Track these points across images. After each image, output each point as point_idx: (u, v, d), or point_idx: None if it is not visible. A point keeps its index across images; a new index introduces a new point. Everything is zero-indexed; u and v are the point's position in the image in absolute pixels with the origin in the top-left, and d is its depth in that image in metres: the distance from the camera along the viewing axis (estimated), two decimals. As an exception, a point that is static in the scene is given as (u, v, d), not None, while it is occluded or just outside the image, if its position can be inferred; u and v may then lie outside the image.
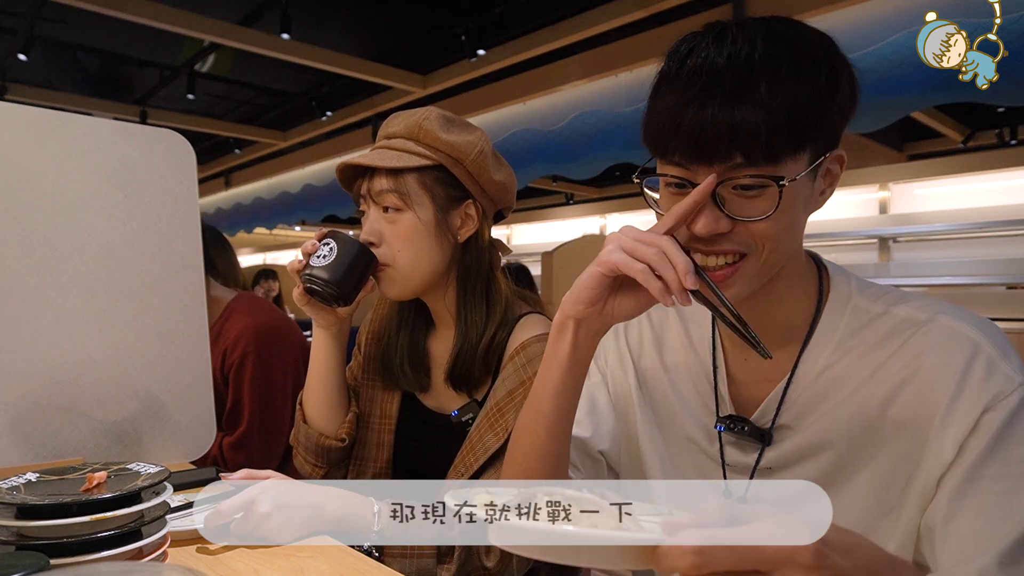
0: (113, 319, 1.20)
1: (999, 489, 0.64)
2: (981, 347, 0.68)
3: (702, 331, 0.86)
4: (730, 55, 0.64)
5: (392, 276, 1.07)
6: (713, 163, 0.66)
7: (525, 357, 1.06)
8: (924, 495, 0.69)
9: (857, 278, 0.79)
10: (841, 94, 0.67)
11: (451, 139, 1.07)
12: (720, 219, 0.68)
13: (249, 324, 1.69)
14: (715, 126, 0.64)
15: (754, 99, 0.63)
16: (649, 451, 0.88)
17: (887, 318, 0.74)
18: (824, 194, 0.73)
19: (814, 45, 0.67)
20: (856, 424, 0.72)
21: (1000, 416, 0.65)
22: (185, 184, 1.29)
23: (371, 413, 1.19)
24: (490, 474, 1.03)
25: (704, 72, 0.65)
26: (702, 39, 0.67)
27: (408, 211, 1.06)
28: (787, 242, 0.71)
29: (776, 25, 0.68)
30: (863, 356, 0.73)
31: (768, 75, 0.63)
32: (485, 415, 1.06)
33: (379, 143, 1.10)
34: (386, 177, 1.06)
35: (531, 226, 9.83)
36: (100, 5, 4.20)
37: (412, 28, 5.10)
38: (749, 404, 0.80)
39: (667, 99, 0.67)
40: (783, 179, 0.65)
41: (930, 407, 0.68)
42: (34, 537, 0.64)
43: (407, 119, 1.09)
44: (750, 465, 0.78)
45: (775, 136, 0.63)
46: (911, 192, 6.12)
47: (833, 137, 0.70)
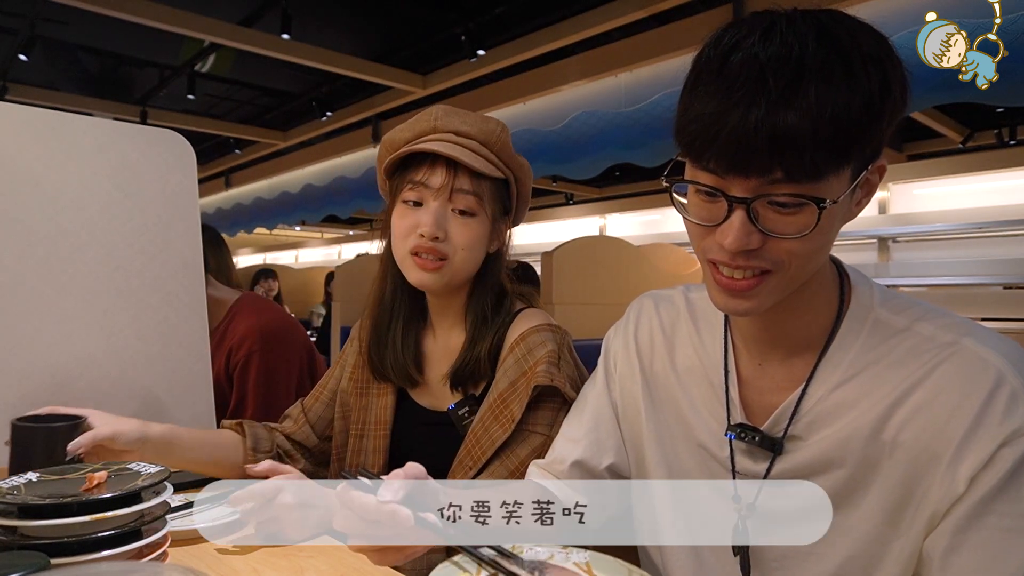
0: (113, 319, 1.20)
1: (1006, 526, 0.62)
2: (1005, 378, 0.64)
3: (714, 332, 0.84)
4: (779, 55, 0.59)
5: (445, 272, 1.07)
6: (751, 176, 0.61)
7: (525, 347, 1.06)
8: (932, 524, 0.67)
9: (880, 288, 0.75)
10: (893, 101, 0.62)
11: (519, 159, 1.12)
12: (752, 234, 0.63)
13: (254, 324, 1.70)
14: (757, 136, 0.58)
15: (802, 107, 0.57)
16: (655, 455, 0.86)
17: (909, 335, 0.70)
18: (860, 204, 0.69)
19: (868, 46, 0.60)
20: (869, 443, 0.69)
21: (1016, 453, 0.62)
22: (185, 184, 1.29)
23: (366, 420, 1.18)
24: (495, 466, 1.03)
25: (749, 73, 0.59)
26: (748, 33, 0.61)
27: (479, 216, 1.07)
28: (818, 259, 0.68)
29: (827, 21, 0.61)
30: (881, 373, 0.70)
31: (819, 80, 0.58)
32: (489, 407, 1.05)
33: (443, 136, 1.07)
34: (470, 178, 1.06)
35: (531, 226, 9.82)
36: (100, 5, 4.19)
37: (412, 28, 5.10)
38: (761, 412, 0.77)
39: (707, 101, 0.61)
40: (824, 201, 0.61)
41: (947, 436, 0.65)
42: (34, 537, 0.64)
43: (479, 123, 1.09)
44: (760, 473, 0.76)
45: (820, 151, 0.59)
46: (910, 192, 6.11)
47: (879, 148, 0.65)
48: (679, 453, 0.85)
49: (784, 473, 0.75)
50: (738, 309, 0.70)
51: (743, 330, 0.80)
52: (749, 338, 0.80)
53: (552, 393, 1.04)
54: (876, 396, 0.69)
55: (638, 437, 0.89)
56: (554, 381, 1.01)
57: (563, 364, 1.06)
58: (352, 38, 5.23)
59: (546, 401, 1.05)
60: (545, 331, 1.08)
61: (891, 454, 0.68)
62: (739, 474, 0.78)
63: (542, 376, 1.02)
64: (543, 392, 1.03)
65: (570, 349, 1.10)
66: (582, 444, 0.91)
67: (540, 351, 1.05)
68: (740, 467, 0.78)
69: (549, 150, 4.86)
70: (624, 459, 0.90)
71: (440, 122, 1.08)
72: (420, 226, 1.04)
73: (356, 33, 5.20)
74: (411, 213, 1.07)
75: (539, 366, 1.03)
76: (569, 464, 0.90)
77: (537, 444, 1.03)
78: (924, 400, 0.67)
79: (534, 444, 1.03)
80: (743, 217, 0.63)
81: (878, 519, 0.69)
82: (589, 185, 8.87)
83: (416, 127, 1.09)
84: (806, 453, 0.73)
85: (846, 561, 0.71)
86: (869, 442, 0.69)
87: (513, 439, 1.03)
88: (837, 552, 0.71)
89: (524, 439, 1.03)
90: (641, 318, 0.93)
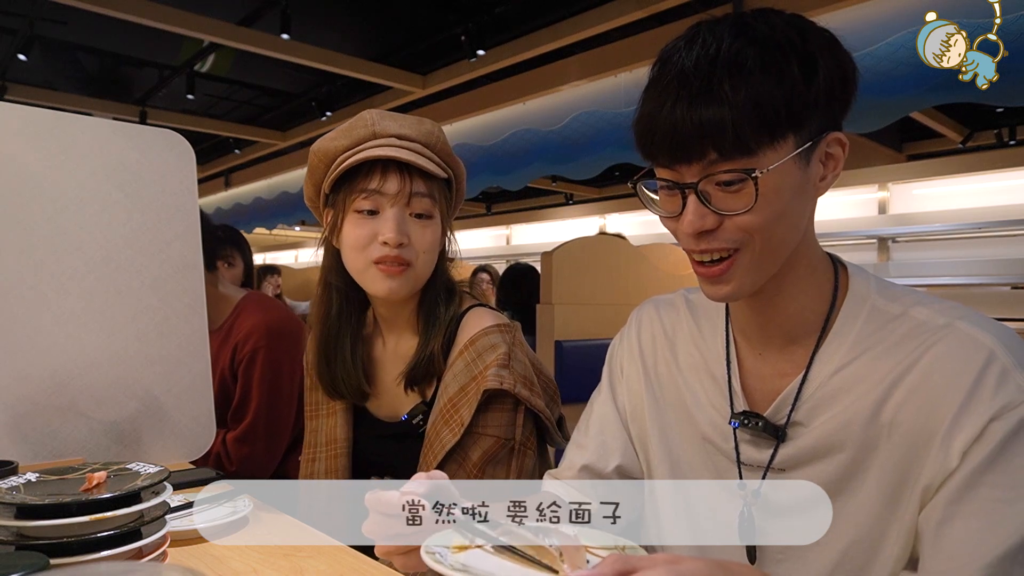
0: (113, 319, 1.20)
1: (997, 496, 0.64)
2: (996, 355, 0.67)
3: (715, 327, 0.86)
4: (697, 56, 0.67)
5: (410, 277, 1.07)
6: (691, 162, 0.68)
7: (475, 351, 1.06)
8: (925, 499, 0.68)
9: (877, 279, 0.78)
10: (821, 78, 0.67)
11: (455, 158, 1.11)
12: (706, 215, 0.69)
13: (261, 320, 1.71)
14: (685, 126, 0.66)
15: (719, 95, 0.64)
16: (660, 452, 0.88)
17: (904, 319, 0.73)
18: (825, 179, 0.72)
19: (782, 34, 0.67)
20: (868, 426, 0.71)
21: (1006, 426, 0.64)
22: (185, 184, 1.29)
23: (316, 443, 1.18)
24: (449, 468, 1.03)
25: (676, 76, 0.67)
26: (677, 44, 0.70)
27: (435, 218, 1.08)
28: (781, 232, 0.70)
29: (747, 19, 0.69)
30: (878, 357, 0.72)
31: (732, 71, 0.65)
32: (439, 413, 1.05)
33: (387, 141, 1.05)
34: (423, 181, 1.05)
35: (531, 226, 9.83)
36: (100, 5, 4.19)
37: (412, 28, 5.10)
38: (763, 400, 0.79)
39: (646, 106, 0.70)
40: (755, 171, 0.66)
41: (939, 414, 0.67)
42: (34, 537, 0.64)
43: (416, 125, 1.08)
44: (764, 461, 0.78)
45: (743, 129, 0.65)
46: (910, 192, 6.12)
47: (825, 121, 0.69)
48: (685, 449, 0.87)
49: (788, 460, 0.76)
50: (719, 294, 0.74)
51: (739, 321, 0.83)
52: (746, 328, 0.82)
53: (502, 396, 1.04)
54: (874, 379, 0.71)
55: (644, 436, 0.91)
56: (503, 384, 1.02)
57: (514, 363, 1.06)
58: (352, 38, 5.23)
59: (496, 403, 1.05)
60: (494, 333, 1.08)
61: (889, 435, 0.70)
62: (744, 465, 0.80)
63: (491, 380, 1.02)
64: (493, 395, 1.03)
65: (521, 345, 1.10)
66: (589, 449, 0.94)
67: (489, 356, 1.05)
68: (745, 457, 0.80)
69: (549, 150, 4.86)
70: (632, 460, 0.93)
71: (379, 127, 1.06)
72: (381, 235, 1.03)
73: (356, 33, 5.20)
74: (367, 223, 1.04)
75: (488, 370, 1.03)
76: (578, 468, 0.94)
77: (488, 446, 1.04)
78: (919, 380, 0.69)
79: (485, 446, 1.04)
80: (695, 200, 0.69)
81: (879, 502, 0.71)
82: (589, 185, 8.87)
83: (353, 134, 1.06)
84: (809, 439, 0.75)
85: (850, 546, 0.72)
86: (868, 425, 0.71)
87: (464, 442, 1.03)
88: (841, 538, 0.73)
89: (475, 442, 1.04)
90: (643, 322, 0.95)
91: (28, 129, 1.14)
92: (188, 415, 1.28)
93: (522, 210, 10.12)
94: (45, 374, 1.13)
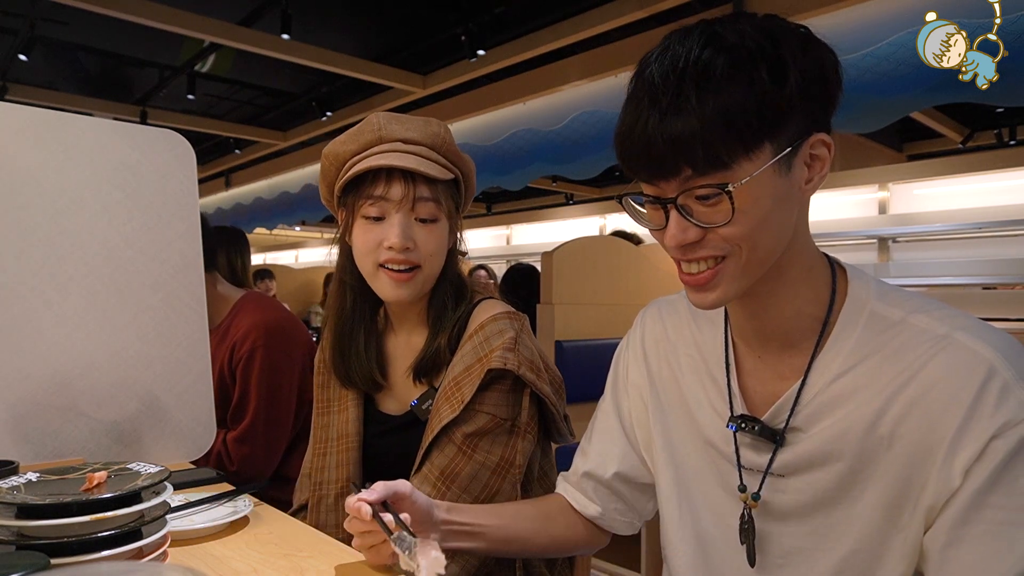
0: (113, 319, 1.20)
1: (1001, 519, 0.63)
2: (996, 370, 0.65)
3: (715, 329, 0.86)
4: (666, 68, 0.65)
5: (418, 281, 1.09)
6: (668, 178, 0.67)
7: (483, 335, 1.08)
8: (930, 519, 0.68)
9: (876, 281, 0.76)
10: (792, 81, 0.64)
11: (464, 156, 1.13)
12: (688, 229, 0.69)
13: (259, 320, 1.71)
14: (657, 142, 0.65)
15: (687, 110, 0.63)
16: (664, 454, 0.89)
17: (903, 327, 0.71)
18: (811, 181, 0.70)
19: (751, 40, 0.65)
20: (866, 437, 0.70)
21: (1008, 444, 0.63)
22: (185, 184, 1.29)
23: (328, 438, 1.19)
24: (442, 441, 1.04)
25: (647, 89, 0.66)
26: (649, 56, 0.69)
27: (441, 221, 1.09)
28: (766, 239, 0.69)
29: (716, 27, 0.67)
30: (877, 366, 0.71)
31: (699, 82, 0.63)
32: (443, 392, 1.07)
33: (392, 146, 1.07)
34: (427, 185, 1.07)
35: (531, 226, 9.82)
36: (100, 5, 4.19)
37: (412, 28, 5.09)
38: (762, 403, 0.79)
39: (622, 122, 0.69)
40: (727, 185, 0.65)
41: (940, 430, 0.66)
42: (34, 537, 0.64)
43: (422, 127, 1.09)
44: (763, 466, 0.77)
45: (714, 142, 0.63)
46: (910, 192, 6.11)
47: (805, 124, 0.67)
48: (688, 451, 0.87)
49: (787, 465, 0.76)
50: (705, 302, 0.73)
51: (737, 325, 0.83)
52: (744, 332, 0.82)
53: (504, 377, 1.06)
54: (872, 390, 0.70)
55: (649, 440, 0.92)
56: (507, 364, 1.03)
57: (521, 347, 1.07)
58: (352, 38, 5.22)
59: (497, 383, 1.06)
60: (503, 319, 1.10)
61: (889, 448, 0.69)
62: (745, 469, 0.80)
63: (496, 360, 1.04)
64: (496, 375, 1.05)
65: (529, 334, 1.13)
66: (590, 456, 0.97)
67: (497, 340, 1.07)
68: (745, 460, 0.80)
69: (549, 150, 4.86)
70: (633, 466, 0.94)
71: (385, 131, 1.07)
72: (387, 240, 1.06)
73: (356, 33, 5.20)
74: (374, 228, 1.07)
75: (495, 352, 1.05)
76: (580, 475, 0.97)
77: (483, 423, 1.05)
78: (918, 394, 0.68)
79: (480, 423, 1.05)
80: (676, 215, 0.69)
81: (879, 514, 0.70)
82: (589, 185, 8.86)
83: (360, 138, 1.08)
84: (807, 445, 0.74)
85: (849, 555, 0.72)
86: (866, 436, 0.70)
87: (460, 417, 1.04)
88: (840, 547, 0.72)
89: (471, 417, 1.05)
90: (647, 325, 0.96)
91: (29, 129, 1.14)
92: (188, 415, 1.28)
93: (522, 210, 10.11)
94: (46, 374, 1.13)
